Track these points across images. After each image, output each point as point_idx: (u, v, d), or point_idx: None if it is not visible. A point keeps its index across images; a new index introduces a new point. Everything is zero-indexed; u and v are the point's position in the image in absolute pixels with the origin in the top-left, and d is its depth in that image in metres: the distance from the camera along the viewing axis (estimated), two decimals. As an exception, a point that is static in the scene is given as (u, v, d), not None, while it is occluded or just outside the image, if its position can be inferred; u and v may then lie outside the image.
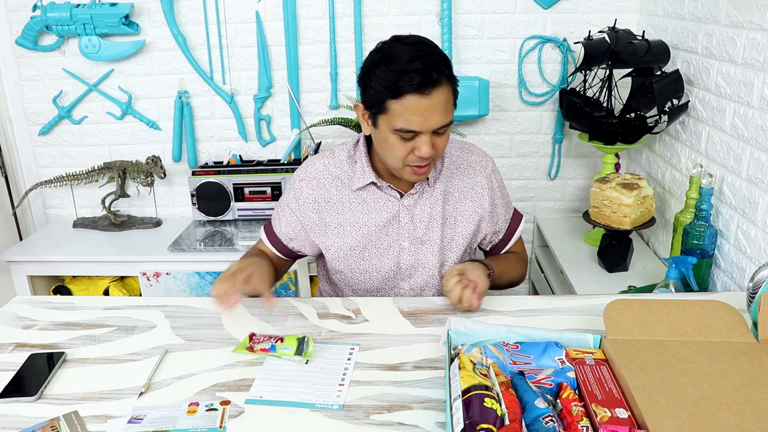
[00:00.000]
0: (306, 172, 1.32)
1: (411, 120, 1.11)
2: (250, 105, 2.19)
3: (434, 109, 1.11)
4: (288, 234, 1.35)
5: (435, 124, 1.13)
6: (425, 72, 1.09)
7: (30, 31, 2.07)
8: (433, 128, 1.13)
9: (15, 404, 0.96)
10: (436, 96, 1.10)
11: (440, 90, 1.11)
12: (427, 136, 1.14)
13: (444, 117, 1.14)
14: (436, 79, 1.10)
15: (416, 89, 1.09)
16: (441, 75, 1.11)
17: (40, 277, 2.18)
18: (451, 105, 1.16)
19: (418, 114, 1.11)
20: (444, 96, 1.12)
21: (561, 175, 2.26)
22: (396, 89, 1.10)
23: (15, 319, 1.22)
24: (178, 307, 1.26)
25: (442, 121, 1.13)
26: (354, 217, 1.29)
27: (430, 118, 1.12)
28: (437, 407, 0.93)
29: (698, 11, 1.65)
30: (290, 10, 2.06)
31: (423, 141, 1.14)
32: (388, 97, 1.12)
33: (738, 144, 1.47)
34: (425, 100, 1.10)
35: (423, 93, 1.09)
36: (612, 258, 1.81)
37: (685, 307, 0.96)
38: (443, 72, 1.11)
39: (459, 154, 1.33)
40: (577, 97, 1.91)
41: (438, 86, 1.10)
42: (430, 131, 1.14)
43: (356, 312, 1.23)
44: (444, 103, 1.12)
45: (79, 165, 2.27)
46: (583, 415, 0.78)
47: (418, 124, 1.12)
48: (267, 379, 1.01)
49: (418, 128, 1.12)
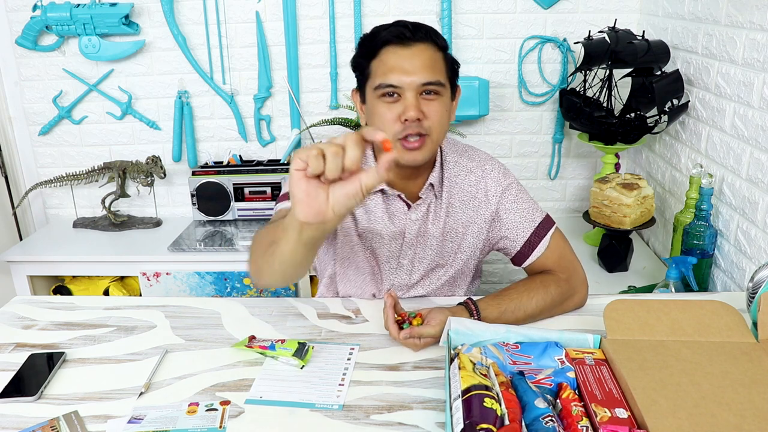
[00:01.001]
0: None
1: (390, 73, 1.07)
2: (250, 105, 2.19)
3: (415, 62, 1.06)
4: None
5: (418, 78, 1.06)
6: (404, 26, 1.08)
7: (30, 31, 2.07)
8: (417, 83, 1.06)
9: (15, 404, 0.96)
10: (417, 49, 1.07)
11: (423, 46, 1.08)
12: (412, 94, 1.07)
13: (429, 73, 1.07)
14: (417, 34, 1.07)
15: (394, 40, 1.07)
16: (425, 34, 1.08)
17: (40, 277, 2.18)
18: (441, 67, 1.10)
19: (398, 66, 1.06)
20: (428, 52, 1.08)
21: (561, 175, 2.26)
22: (373, 46, 1.09)
23: (15, 319, 1.22)
24: (178, 307, 1.25)
25: (426, 77, 1.07)
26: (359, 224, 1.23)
27: (411, 71, 1.06)
28: (437, 407, 0.93)
29: (698, 11, 1.65)
30: (290, 10, 2.06)
31: (408, 101, 1.06)
32: (369, 59, 1.10)
33: (738, 144, 1.47)
34: (404, 51, 1.06)
35: (402, 44, 1.06)
36: (612, 258, 1.81)
37: (685, 307, 0.96)
38: (429, 34, 1.09)
39: (457, 160, 1.25)
40: (577, 97, 1.91)
41: (420, 41, 1.07)
42: (414, 88, 1.07)
43: (356, 312, 1.23)
44: (428, 60, 1.07)
45: (79, 165, 2.27)
46: (582, 415, 0.78)
47: (397, 76, 1.06)
48: (267, 379, 1.01)
49: (397, 82, 1.07)
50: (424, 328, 1.03)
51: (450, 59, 1.16)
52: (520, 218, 1.24)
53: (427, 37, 1.10)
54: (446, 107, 1.14)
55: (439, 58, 1.11)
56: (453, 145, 1.28)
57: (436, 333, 1.03)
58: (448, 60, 1.15)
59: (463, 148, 1.28)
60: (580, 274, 1.21)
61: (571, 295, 1.18)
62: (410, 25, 1.10)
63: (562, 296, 1.17)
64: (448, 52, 1.16)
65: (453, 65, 1.17)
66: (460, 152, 1.26)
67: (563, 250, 1.24)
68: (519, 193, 1.25)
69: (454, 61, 1.17)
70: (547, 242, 1.23)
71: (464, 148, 1.28)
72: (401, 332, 1.04)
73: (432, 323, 1.04)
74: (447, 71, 1.14)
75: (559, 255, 1.23)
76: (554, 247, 1.23)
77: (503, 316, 1.10)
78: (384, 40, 1.09)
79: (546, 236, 1.23)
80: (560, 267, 1.22)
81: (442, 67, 1.12)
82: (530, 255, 1.23)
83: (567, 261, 1.23)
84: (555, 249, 1.23)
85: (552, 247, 1.23)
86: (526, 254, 1.24)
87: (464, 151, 1.27)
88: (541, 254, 1.23)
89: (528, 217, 1.24)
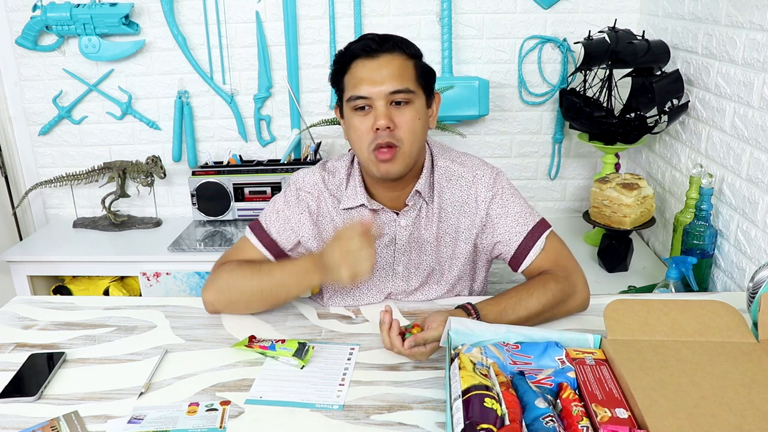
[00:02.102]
0: (304, 181, 1.26)
1: (360, 85, 1.10)
2: (250, 105, 2.19)
3: (383, 72, 1.08)
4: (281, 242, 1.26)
5: (386, 87, 1.08)
6: (371, 38, 1.10)
7: (30, 31, 2.07)
8: (385, 92, 1.09)
9: (15, 404, 0.96)
10: (384, 59, 1.09)
11: (391, 55, 1.10)
12: (382, 104, 1.09)
13: (397, 81, 1.09)
14: (384, 46, 1.10)
15: (362, 53, 1.10)
16: (393, 45, 1.10)
17: (40, 277, 2.18)
18: (410, 74, 1.11)
19: (366, 76, 1.09)
20: (396, 61, 1.10)
21: (561, 175, 2.26)
22: (344, 62, 1.12)
23: (15, 319, 1.22)
24: (178, 307, 1.25)
25: (393, 85, 1.09)
26: None
27: (379, 81, 1.08)
28: (437, 407, 0.93)
29: (698, 11, 1.65)
30: (290, 10, 2.06)
31: (378, 110, 1.09)
32: (342, 74, 1.13)
33: (738, 144, 1.47)
34: (372, 62, 1.09)
35: (369, 55, 1.09)
36: (612, 258, 1.81)
37: (685, 307, 0.96)
38: (397, 44, 1.11)
39: (449, 166, 1.24)
40: (577, 97, 1.91)
41: (387, 52, 1.10)
42: (383, 97, 1.09)
43: (356, 312, 1.23)
44: (397, 68, 1.10)
45: (79, 165, 2.27)
46: (583, 415, 0.78)
47: (366, 87, 1.09)
48: (267, 379, 1.01)
49: (366, 92, 1.09)
50: (428, 333, 1.01)
51: (422, 67, 1.16)
52: (512, 223, 1.22)
53: (395, 47, 1.12)
54: (419, 115, 1.13)
55: (408, 65, 1.12)
56: (446, 152, 1.27)
57: (439, 335, 1.01)
58: (419, 67, 1.15)
59: (456, 155, 1.27)
60: (580, 274, 1.19)
61: (571, 294, 1.15)
62: (377, 37, 1.12)
63: (563, 293, 1.14)
64: (421, 61, 1.16)
65: (426, 73, 1.16)
66: (452, 158, 1.25)
67: (560, 252, 1.22)
68: (511, 197, 1.24)
69: (429, 69, 1.17)
70: (542, 244, 1.21)
71: (456, 155, 1.27)
72: (405, 342, 1.01)
73: (433, 326, 1.02)
74: (418, 78, 1.13)
75: (555, 256, 1.21)
76: (550, 249, 1.21)
77: (503, 314, 1.08)
78: (353, 54, 1.12)
79: (540, 238, 1.21)
80: (558, 267, 1.19)
81: (411, 75, 1.12)
82: (525, 258, 1.21)
83: (565, 261, 1.21)
84: (551, 251, 1.21)
85: (548, 249, 1.21)
86: (521, 257, 1.22)
87: (456, 158, 1.26)
88: (537, 257, 1.20)
89: (521, 221, 1.22)
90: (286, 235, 1.26)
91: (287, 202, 1.26)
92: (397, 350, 1.02)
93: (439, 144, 1.29)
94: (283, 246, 1.26)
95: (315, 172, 1.27)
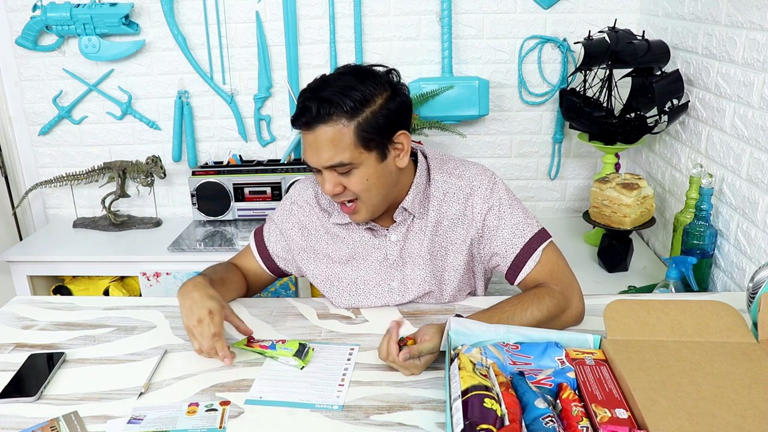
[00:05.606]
0: (298, 195, 1.29)
1: (305, 153, 1.12)
2: (250, 105, 2.19)
3: (319, 145, 1.08)
4: (276, 252, 1.31)
5: (323, 161, 1.08)
6: (304, 108, 1.07)
7: (30, 31, 2.07)
8: (324, 165, 1.09)
9: (15, 404, 0.96)
10: (319, 132, 1.07)
11: (325, 127, 1.06)
12: (328, 172, 1.10)
13: (333, 154, 1.07)
14: (317, 115, 1.06)
15: (299, 124, 1.09)
16: (327, 111, 1.05)
17: (40, 277, 2.18)
18: (347, 143, 1.07)
19: (307, 149, 1.10)
20: (329, 132, 1.06)
21: (561, 175, 2.26)
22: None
23: (15, 319, 1.22)
24: (178, 308, 1.25)
25: (330, 158, 1.07)
26: (339, 251, 1.25)
27: (316, 153, 1.08)
28: (437, 407, 0.93)
29: (698, 11, 1.65)
30: (290, 10, 2.06)
31: (324, 177, 1.11)
32: None
33: (738, 144, 1.47)
34: (309, 135, 1.09)
35: (306, 128, 1.08)
36: (612, 258, 1.81)
37: (685, 307, 0.96)
38: (332, 110, 1.05)
39: (446, 179, 1.21)
40: (577, 97, 1.91)
41: (321, 122, 1.06)
42: (323, 168, 1.10)
43: (356, 312, 1.23)
44: (331, 140, 1.06)
45: (79, 165, 2.27)
46: (583, 415, 0.78)
47: (309, 157, 1.11)
48: (267, 380, 1.01)
49: (310, 163, 1.11)
50: (422, 345, 1.00)
51: (368, 125, 1.08)
52: (509, 234, 1.20)
53: (331, 114, 1.06)
54: (367, 175, 1.11)
55: (345, 133, 1.07)
56: (444, 164, 1.24)
57: (433, 347, 1.00)
58: (361, 130, 1.07)
59: (453, 166, 1.24)
60: (576, 288, 1.16)
61: (566, 309, 1.13)
62: (315, 101, 1.06)
63: (558, 308, 1.12)
64: (366, 118, 1.08)
65: (375, 128, 1.09)
66: (449, 171, 1.23)
67: (556, 263, 1.19)
68: (508, 209, 1.21)
69: (379, 123, 1.09)
70: (539, 256, 1.18)
71: (454, 166, 1.24)
72: (401, 354, 1.00)
73: (426, 338, 1.00)
74: (359, 143, 1.08)
75: (551, 268, 1.18)
76: (546, 261, 1.19)
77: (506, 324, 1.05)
78: (295, 124, 1.11)
79: (537, 251, 1.19)
80: (553, 280, 1.17)
81: (349, 143, 1.07)
82: (521, 270, 1.19)
83: (560, 274, 1.18)
84: (546, 263, 1.19)
85: (543, 261, 1.18)
86: (517, 270, 1.20)
87: (454, 169, 1.23)
88: (532, 269, 1.18)
89: (518, 232, 1.20)
90: (281, 246, 1.31)
91: (282, 214, 1.30)
92: (392, 359, 1.01)
93: (438, 156, 1.26)
94: (276, 254, 1.31)
95: (308, 187, 1.29)
